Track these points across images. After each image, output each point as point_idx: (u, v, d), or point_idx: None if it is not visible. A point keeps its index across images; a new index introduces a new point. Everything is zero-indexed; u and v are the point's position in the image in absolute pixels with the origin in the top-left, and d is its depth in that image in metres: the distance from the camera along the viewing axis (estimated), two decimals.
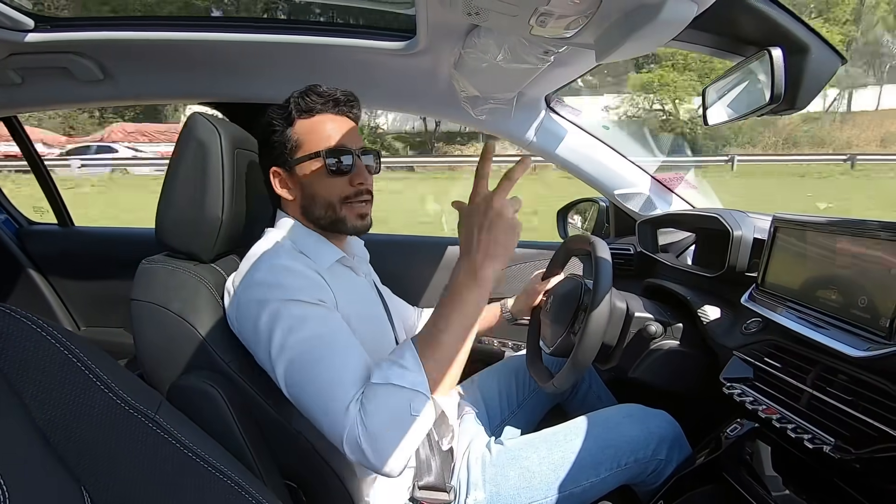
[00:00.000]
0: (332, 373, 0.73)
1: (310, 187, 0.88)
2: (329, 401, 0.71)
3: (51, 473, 0.44)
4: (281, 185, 0.90)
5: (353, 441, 0.68)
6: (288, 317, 0.75)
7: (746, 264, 1.04)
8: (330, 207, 0.88)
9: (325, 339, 0.75)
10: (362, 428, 0.68)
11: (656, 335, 1.05)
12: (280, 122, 0.88)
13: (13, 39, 1.09)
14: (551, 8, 0.66)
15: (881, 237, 0.71)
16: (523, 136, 1.43)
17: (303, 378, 0.73)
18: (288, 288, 0.77)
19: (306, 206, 0.90)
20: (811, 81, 0.85)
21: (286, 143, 0.88)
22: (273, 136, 0.89)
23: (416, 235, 1.83)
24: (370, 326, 0.92)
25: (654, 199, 1.47)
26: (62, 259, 1.85)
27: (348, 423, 0.69)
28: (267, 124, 0.89)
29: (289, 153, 0.88)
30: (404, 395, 0.70)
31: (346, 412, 0.69)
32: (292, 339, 0.74)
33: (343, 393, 0.71)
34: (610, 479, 0.94)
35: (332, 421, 0.70)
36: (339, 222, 0.89)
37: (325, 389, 0.72)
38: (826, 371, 0.76)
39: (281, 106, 0.89)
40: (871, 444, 0.64)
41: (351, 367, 0.74)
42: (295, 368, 0.73)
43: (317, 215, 0.90)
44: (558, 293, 1.11)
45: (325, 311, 0.78)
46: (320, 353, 0.74)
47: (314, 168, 0.87)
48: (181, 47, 1.19)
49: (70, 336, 0.50)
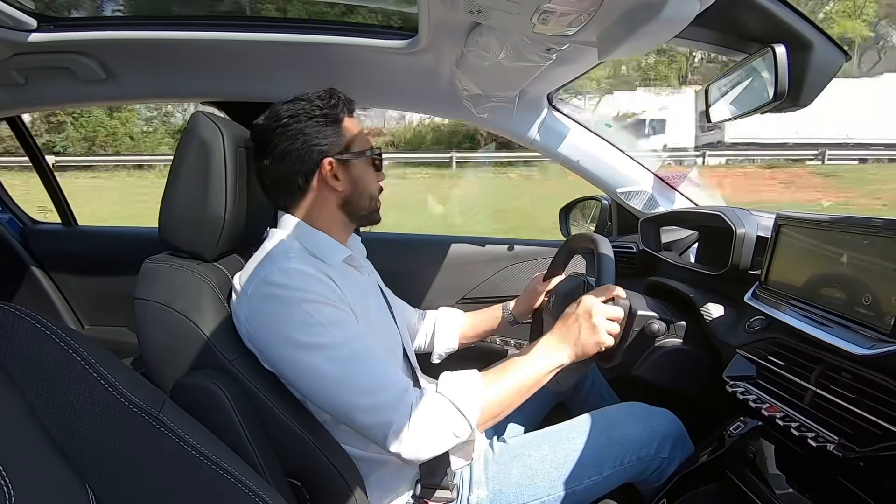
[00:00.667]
0: (381, 366, 0.80)
1: (361, 181, 0.93)
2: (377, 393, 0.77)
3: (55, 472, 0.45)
4: (333, 177, 0.90)
5: (399, 429, 0.75)
6: (321, 317, 0.78)
7: (750, 262, 1.03)
8: (373, 199, 0.96)
9: (355, 343, 0.79)
10: (414, 417, 0.76)
11: (659, 333, 1.05)
12: (333, 114, 0.90)
13: (16, 39, 1.10)
14: (553, 6, 0.66)
15: (885, 235, 0.71)
16: (525, 134, 1.42)
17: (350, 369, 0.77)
18: (310, 291, 0.79)
19: (352, 199, 0.93)
20: (815, 78, 0.84)
21: (343, 136, 0.90)
22: (328, 128, 0.89)
23: (417, 234, 1.83)
24: (376, 325, 0.92)
25: (657, 197, 1.47)
26: (66, 258, 1.85)
27: (402, 406, 0.76)
28: (319, 115, 0.88)
29: (344, 147, 0.91)
30: (455, 416, 0.78)
31: (401, 401, 0.77)
32: (333, 336, 0.78)
33: (393, 385, 0.78)
34: (613, 477, 0.94)
35: (388, 399, 0.77)
36: (374, 213, 0.97)
37: (380, 374, 0.79)
38: (830, 369, 0.75)
39: (324, 99, 0.89)
40: (875, 443, 0.63)
41: (392, 368, 0.82)
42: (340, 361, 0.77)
43: (360, 206, 0.94)
44: (560, 291, 1.11)
45: (347, 317, 0.82)
46: (354, 354, 0.78)
47: (364, 164, 0.94)
48: (184, 47, 1.19)
49: (74, 335, 0.50)
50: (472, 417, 0.79)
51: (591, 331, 0.86)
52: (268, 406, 0.80)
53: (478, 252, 1.64)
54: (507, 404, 0.83)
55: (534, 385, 0.85)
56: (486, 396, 0.81)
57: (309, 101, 0.88)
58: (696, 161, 13.47)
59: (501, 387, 0.82)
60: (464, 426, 0.79)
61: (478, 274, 1.64)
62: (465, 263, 1.64)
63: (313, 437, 0.82)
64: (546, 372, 0.85)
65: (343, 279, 0.86)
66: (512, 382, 0.83)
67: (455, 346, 1.24)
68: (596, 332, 0.86)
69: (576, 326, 0.87)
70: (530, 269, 1.62)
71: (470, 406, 0.79)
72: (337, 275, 0.85)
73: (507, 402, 0.83)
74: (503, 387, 0.83)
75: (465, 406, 0.79)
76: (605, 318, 0.87)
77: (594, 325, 0.85)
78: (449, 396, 0.79)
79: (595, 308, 0.87)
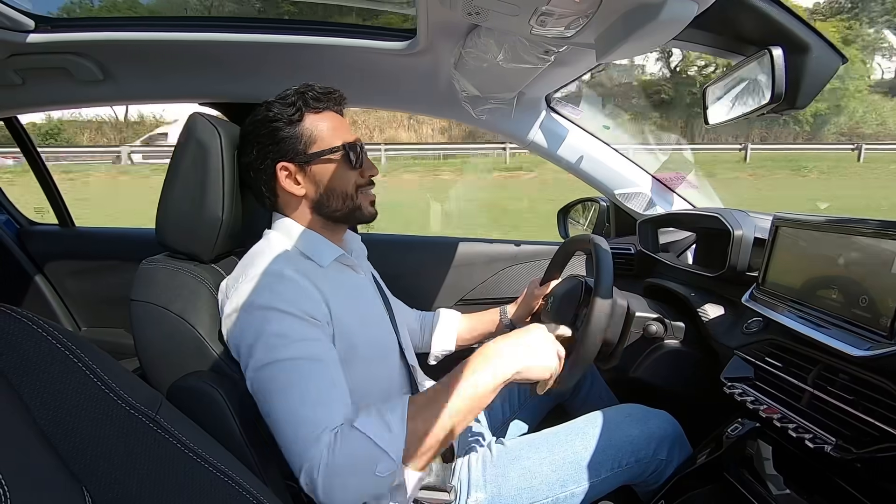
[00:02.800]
0: (308, 398, 0.72)
1: (327, 181, 0.89)
2: (301, 424, 0.70)
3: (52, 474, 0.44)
4: (290, 181, 0.88)
5: (310, 470, 0.68)
6: (272, 332, 0.74)
7: (747, 264, 1.03)
8: (348, 198, 0.91)
9: (304, 364, 0.74)
10: (325, 461, 0.68)
11: (657, 335, 1.05)
12: (287, 116, 0.87)
13: (14, 40, 1.09)
14: (552, 8, 0.66)
15: (882, 236, 0.71)
16: (524, 135, 1.43)
17: (277, 397, 0.72)
18: (277, 296, 0.77)
19: (321, 200, 0.90)
20: (812, 80, 0.85)
21: (298, 138, 0.87)
22: (281, 132, 0.87)
23: (416, 235, 1.83)
24: (371, 327, 0.92)
25: (655, 199, 1.47)
26: (63, 259, 1.85)
27: (315, 452, 0.68)
28: (272, 119, 0.86)
29: (303, 148, 0.87)
30: (376, 453, 0.69)
31: (318, 440, 0.69)
32: (274, 354, 0.74)
33: (316, 420, 0.71)
34: (611, 479, 0.94)
35: (300, 445, 0.69)
36: (356, 211, 0.92)
37: (299, 413, 0.71)
38: (827, 370, 0.76)
39: (283, 100, 0.87)
40: (872, 444, 0.64)
41: (327, 398, 0.73)
42: (270, 385, 0.73)
43: (333, 207, 0.90)
44: (559, 292, 1.11)
45: (312, 331, 0.77)
46: (299, 375, 0.73)
47: (332, 162, 0.89)
48: (181, 48, 1.19)
49: (70, 336, 0.50)
50: (395, 452, 0.69)
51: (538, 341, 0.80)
52: None
53: (477, 253, 1.64)
54: (443, 434, 0.72)
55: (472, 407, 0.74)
56: (415, 427, 0.71)
57: (269, 104, 0.87)
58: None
59: (434, 414, 0.72)
60: (386, 464, 0.69)
61: (477, 275, 1.64)
62: (464, 264, 1.64)
63: None
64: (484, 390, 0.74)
65: (332, 279, 0.85)
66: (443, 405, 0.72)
67: (451, 348, 1.24)
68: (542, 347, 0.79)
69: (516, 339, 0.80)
70: (529, 269, 1.62)
71: (392, 440, 0.70)
72: (324, 275, 0.85)
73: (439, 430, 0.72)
74: (436, 413, 0.72)
75: (386, 441, 0.69)
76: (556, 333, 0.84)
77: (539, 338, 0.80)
78: (367, 433, 0.70)
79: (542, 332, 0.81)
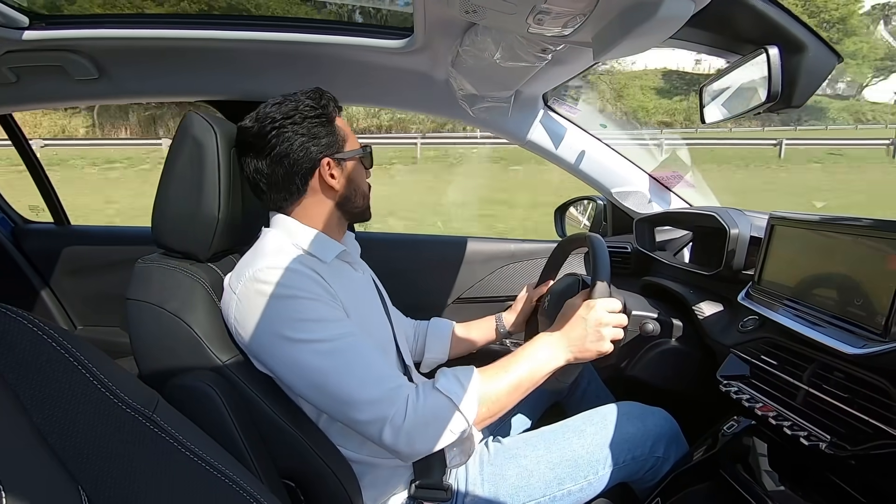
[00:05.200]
0: (377, 359, 0.80)
1: (354, 180, 0.94)
2: (375, 385, 0.77)
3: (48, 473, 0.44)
4: (331, 176, 0.90)
5: (396, 421, 0.75)
6: (308, 318, 0.78)
7: (743, 262, 1.04)
8: (364, 198, 0.98)
9: (351, 338, 0.79)
10: (410, 414, 0.76)
11: (654, 333, 1.05)
12: (326, 114, 0.90)
13: (8, 37, 1.09)
14: (549, 6, 0.66)
15: (876, 234, 0.72)
16: (521, 134, 1.43)
17: (339, 370, 0.76)
18: (297, 287, 0.78)
19: (349, 197, 0.94)
20: (808, 79, 0.85)
21: (336, 135, 0.91)
22: (323, 128, 0.89)
23: (416, 234, 1.83)
24: (370, 323, 0.92)
25: (652, 198, 1.47)
26: (58, 258, 1.84)
27: (399, 406, 0.76)
28: (313, 115, 0.88)
29: (339, 147, 0.91)
30: (453, 412, 0.78)
31: (397, 397, 0.76)
32: (322, 331, 0.77)
33: (390, 378, 0.78)
34: (607, 476, 0.94)
35: (380, 405, 0.76)
36: (366, 210, 0.99)
37: (373, 369, 0.78)
38: (822, 368, 0.76)
39: (314, 99, 0.89)
40: (866, 441, 0.64)
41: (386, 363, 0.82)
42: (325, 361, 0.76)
43: (355, 204, 0.95)
44: (556, 290, 1.11)
45: (342, 314, 0.82)
46: (353, 347, 0.79)
47: (355, 162, 0.94)
48: (177, 45, 1.18)
49: (66, 335, 0.50)
50: (470, 414, 0.78)
51: (597, 338, 0.85)
52: (261, 407, 0.79)
53: (474, 251, 1.64)
54: (505, 402, 0.83)
55: (532, 384, 0.84)
56: (483, 393, 0.80)
57: (299, 101, 0.88)
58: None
59: (499, 384, 0.82)
60: (461, 423, 0.78)
61: (474, 273, 1.64)
62: (461, 262, 1.64)
63: (307, 437, 0.82)
64: (545, 371, 0.85)
65: (336, 276, 0.86)
66: (510, 380, 0.83)
67: (444, 358, 1.23)
68: (601, 341, 0.86)
69: (581, 330, 0.86)
70: (526, 267, 1.62)
71: (467, 403, 0.78)
72: (329, 271, 0.85)
73: (504, 400, 0.82)
74: (501, 384, 0.82)
75: (462, 402, 0.78)
76: (613, 325, 0.87)
77: (601, 334, 0.85)
78: (446, 392, 0.78)
79: (605, 318, 0.86)
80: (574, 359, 0.86)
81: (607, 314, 0.87)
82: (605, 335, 0.86)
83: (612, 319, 0.87)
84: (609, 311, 0.87)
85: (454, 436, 0.79)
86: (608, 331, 0.86)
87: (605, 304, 0.88)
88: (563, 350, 0.86)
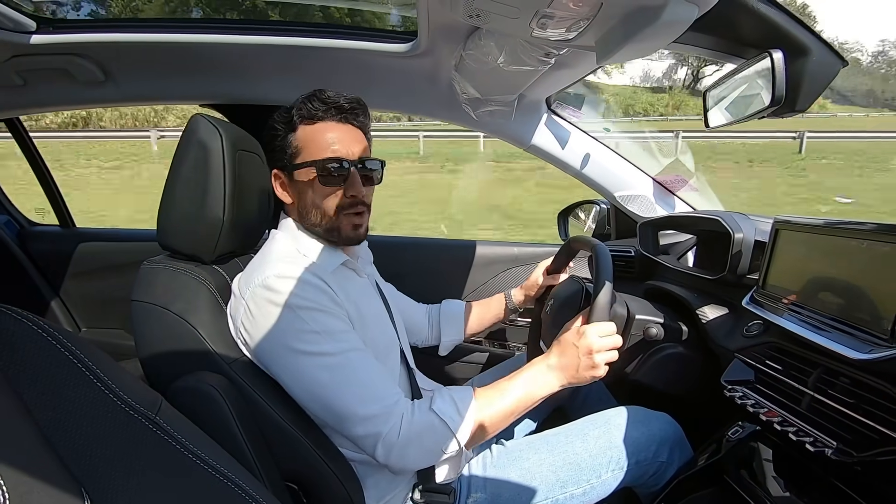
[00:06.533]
0: (371, 381, 0.80)
1: (307, 195, 0.89)
2: (373, 402, 0.78)
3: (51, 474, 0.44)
4: (281, 188, 0.92)
5: (389, 436, 0.77)
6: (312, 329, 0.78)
7: (747, 267, 1.03)
8: (325, 216, 0.89)
9: (354, 354, 0.80)
10: (403, 431, 0.77)
11: (658, 338, 1.05)
12: (283, 126, 0.89)
13: (15, 41, 1.10)
14: (552, 10, 0.66)
15: (882, 239, 0.71)
16: (524, 138, 1.43)
17: (338, 385, 0.78)
18: (305, 297, 0.79)
19: (303, 213, 0.91)
20: (812, 83, 0.85)
21: (287, 148, 0.89)
22: (275, 141, 0.90)
23: (422, 237, 1.83)
24: (374, 329, 0.92)
25: (656, 202, 1.47)
26: (63, 260, 1.85)
27: (393, 422, 0.77)
28: (270, 128, 0.91)
29: (289, 158, 0.89)
30: (446, 434, 0.80)
31: (392, 413, 0.78)
32: (328, 345, 0.78)
33: (387, 396, 0.79)
34: (611, 481, 0.94)
35: (376, 420, 0.77)
36: (333, 231, 0.89)
37: (373, 385, 0.79)
38: (827, 374, 0.76)
39: (285, 110, 0.89)
40: (872, 448, 0.63)
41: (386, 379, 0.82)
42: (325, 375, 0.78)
43: (313, 222, 0.90)
44: (559, 296, 1.11)
45: (347, 325, 0.82)
46: (354, 363, 0.79)
47: (311, 176, 0.87)
48: (183, 49, 1.19)
49: (71, 337, 0.50)
50: (462, 436, 0.80)
51: (589, 365, 0.85)
52: (265, 409, 0.80)
53: (477, 255, 1.64)
54: (498, 426, 0.84)
55: (526, 408, 0.86)
56: (478, 418, 0.82)
57: (277, 111, 0.90)
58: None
59: (494, 408, 0.83)
60: (452, 444, 0.80)
61: (477, 276, 1.64)
62: (464, 266, 1.64)
63: (310, 440, 0.82)
64: (539, 396, 0.86)
65: (340, 283, 0.86)
66: (505, 405, 0.84)
67: (461, 339, 1.26)
68: (594, 368, 0.85)
69: (573, 358, 0.86)
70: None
71: (461, 425, 0.80)
72: (334, 278, 0.85)
73: (497, 424, 0.84)
74: (495, 408, 0.83)
75: (455, 425, 0.80)
76: (606, 350, 0.86)
77: (593, 360, 0.85)
78: (441, 415, 0.80)
79: (596, 345, 0.85)
80: (568, 384, 0.87)
81: (599, 340, 0.85)
82: (597, 361, 0.85)
83: (605, 344, 0.85)
84: (602, 336, 0.86)
85: (445, 455, 0.81)
86: (600, 356, 0.85)
87: (597, 329, 0.86)
88: (556, 377, 0.87)
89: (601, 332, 0.86)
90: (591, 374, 0.85)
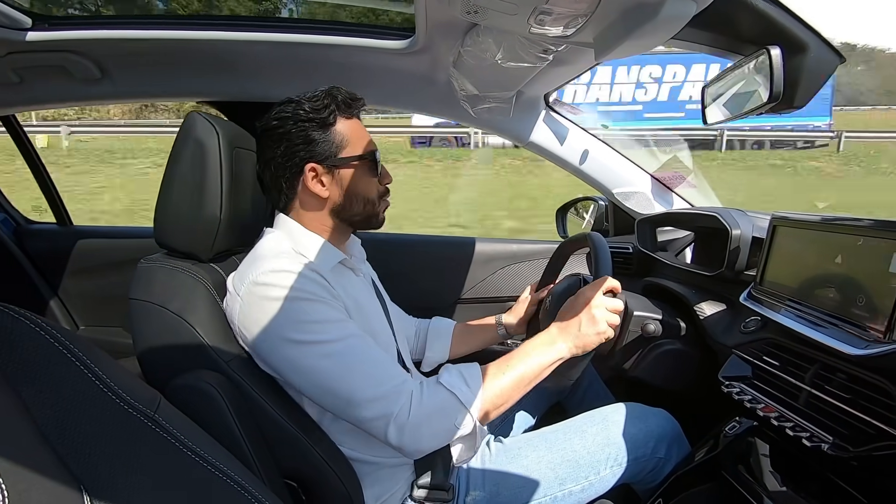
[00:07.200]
0: (377, 362, 0.79)
1: (354, 186, 0.90)
2: (380, 384, 0.77)
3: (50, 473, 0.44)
4: (317, 182, 0.88)
5: (401, 418, 0.75)
6: (311, 319, 0.77)
7: (745, 263, 1.04)
8: (370, 204, 0.92)
9: (356, 339, 0.79)
10: (413, 410, 0.76)
11: (656, 334, 1.05)
12: (320, 118, 0.86)
13: (11, 38, 1.09)
14: (550, 7, 0.66)
15: (878, 235, 0.71)
16: (522, 134, 1.43)
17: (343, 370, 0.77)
18: (300, 289, 0.78)
19: (343, 204, 0.90)
20: (810, 80, 0.85)
21: (332, 140, 0.87)
22: (314, 133, 0.86)
23: (417, 234, 1.83)
24: (370, 325, 0.92)
25: (654, 198, 1.47)
26: (61, 258, 1.84)
27: (403, 402, 0.76)
28: (305, 118, 0.85)
29: (335, 151, 0.87)
30: (458, 407, 0.78)
31: (400, 393, 0.76)
32: (327, 333, 0.78)
33: (394, 376, 0.78)
34: (609, 477, 0.94)
35: (385, 401, 0.76)
36: (373, 217, 0.94)
37: (378, 367, 0.79)
38: (824, 369, 0.76)
39: (314, 101, 0.86)
40: (869, 443, 0.64)
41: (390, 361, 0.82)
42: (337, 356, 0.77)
43: (354, 212, 0.91)
44: (557, 290, 1.11)
45: (344, 314, 0.82)
46: (357, 348, 0.79)
47: (357, 168, 0.89)
48: (179, 46, 1.19)
49: (69, 335, 0.50)
50: (475, 409, 0.78)
51: (591, 322, 0.84)
52: (263, 407, 0.80)
53: (475, 251, 1.64)
54: (509, 396, 0.82)
55: (534, 378, 0.84)
56: (487, 388, 0.80)
57: (299, 103, 0.86)
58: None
59: (503, 379, 0.82)
60: (465, 418, 0.78)
61: (475, 273, 1.64)
62: (463, 263, 1.64)
63: (309, 438, 0.82)
64: (547, 365, 0.84)
65: (337, 278, 0.86)
66: (513, 375, 0.82)
67: (444, 359, 1.22)
68: (596, 324, 0.84)
69: (576, 319, 0.85)
70: (528, 268, 1.62)
71: (471, 397, 0.78)
72: (330, 275, 0.85)
73: (508, 394, 0.82)
74: (504, 379, 0.82)
75: (466, 397, 0.78)
76: (606, 308, 0.86)
77: (594, 316, 0.84)
78: (450, 387, 0.78)
79: (594, 300, 0.85)
80: (575, 347, 0.85)
81: (598, 296, 0.86)
82: (597, 317, 0.84)
83: (603, 301, 0.86)
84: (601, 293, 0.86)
85: (459, 431, 0.79)
86: (600, 312, 0.84)
87: (595, 287, 0.87)
88: (562, 341, 0.85)
89: (597, 288, 0.87)
90: (596, 332, 0.84)
